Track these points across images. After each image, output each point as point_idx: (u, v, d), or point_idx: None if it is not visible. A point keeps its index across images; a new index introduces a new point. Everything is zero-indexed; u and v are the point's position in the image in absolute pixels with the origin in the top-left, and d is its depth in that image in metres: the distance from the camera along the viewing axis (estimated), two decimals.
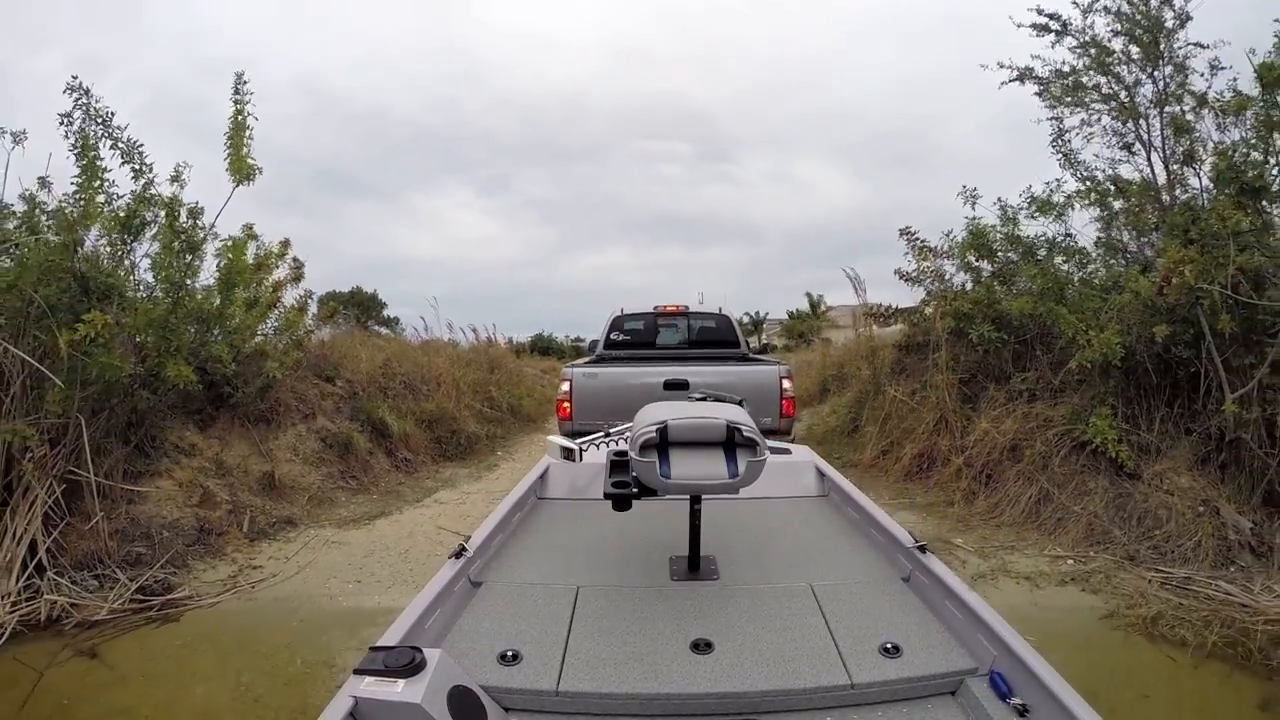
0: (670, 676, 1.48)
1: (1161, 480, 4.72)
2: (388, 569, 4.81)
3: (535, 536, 2.25)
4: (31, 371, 4.59)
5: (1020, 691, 1.37)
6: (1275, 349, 4.25)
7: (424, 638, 1.55)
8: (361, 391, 7.93)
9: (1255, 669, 3.21)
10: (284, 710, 3.16)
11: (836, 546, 2.15)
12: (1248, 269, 4.31)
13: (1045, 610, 3.96)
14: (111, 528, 4.75)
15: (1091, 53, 6.14)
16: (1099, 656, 3.49)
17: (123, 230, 4.97)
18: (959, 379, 6.70)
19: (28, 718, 3.15)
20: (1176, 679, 3.23)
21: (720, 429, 1.68)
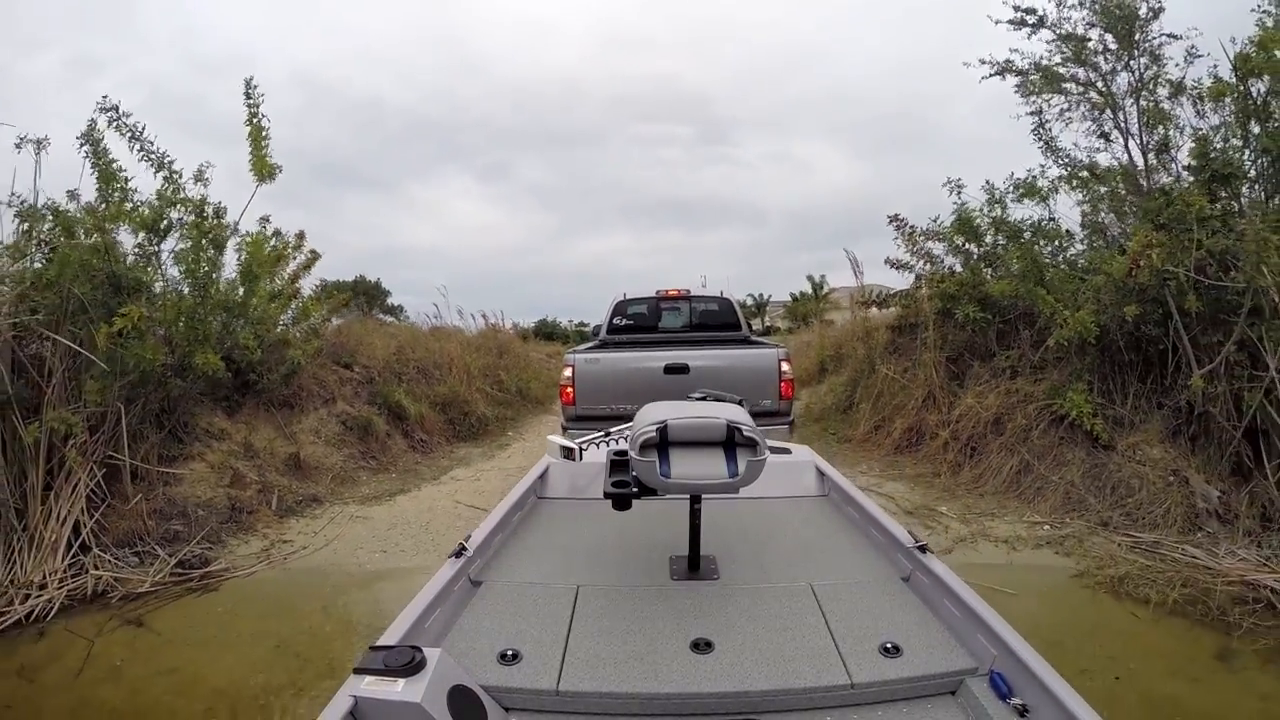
0: (670, 676, 1.46)
1: (1134, 451, 4.87)
2: (411, 540, 5.02)
3: (535, 536, 2.20)
4: (69, 364, 4.77)
5: (1020, 691, 1.35)
6: (1239, 327, 4.39)
7: (424, 637, 1.52)
8: (378, 376, 8.10)
9: (1214, 625, 3.38)
10: (322, 664, 3.37)
11: (836, 546, 2.11)
12: (1214, 252, 4.44)
13: (1020, 570, 4.15)
14: (149, 508, 4.94)
15: (1069, 45, 6.21)
16: (1068, 612, 3.68)
17: (149, 230, 5.13)
18: (946, 357, 6.86)
19: (85, 680, 3.33)
20: (1138, 633, 3.40)
21: (720, 429, 1.66)
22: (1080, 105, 6.25)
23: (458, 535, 4.91)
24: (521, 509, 2.37)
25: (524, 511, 2.37)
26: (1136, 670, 3.06)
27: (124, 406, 4.86)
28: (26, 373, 4.67)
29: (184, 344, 5.21)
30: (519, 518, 2.32)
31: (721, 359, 5.60)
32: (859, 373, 8.67)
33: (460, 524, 5.30)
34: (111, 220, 4.92)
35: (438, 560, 4.48)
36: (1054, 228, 6.35)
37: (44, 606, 3.97)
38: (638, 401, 5.32)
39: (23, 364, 4.67)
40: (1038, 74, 6.31)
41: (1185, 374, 4.73)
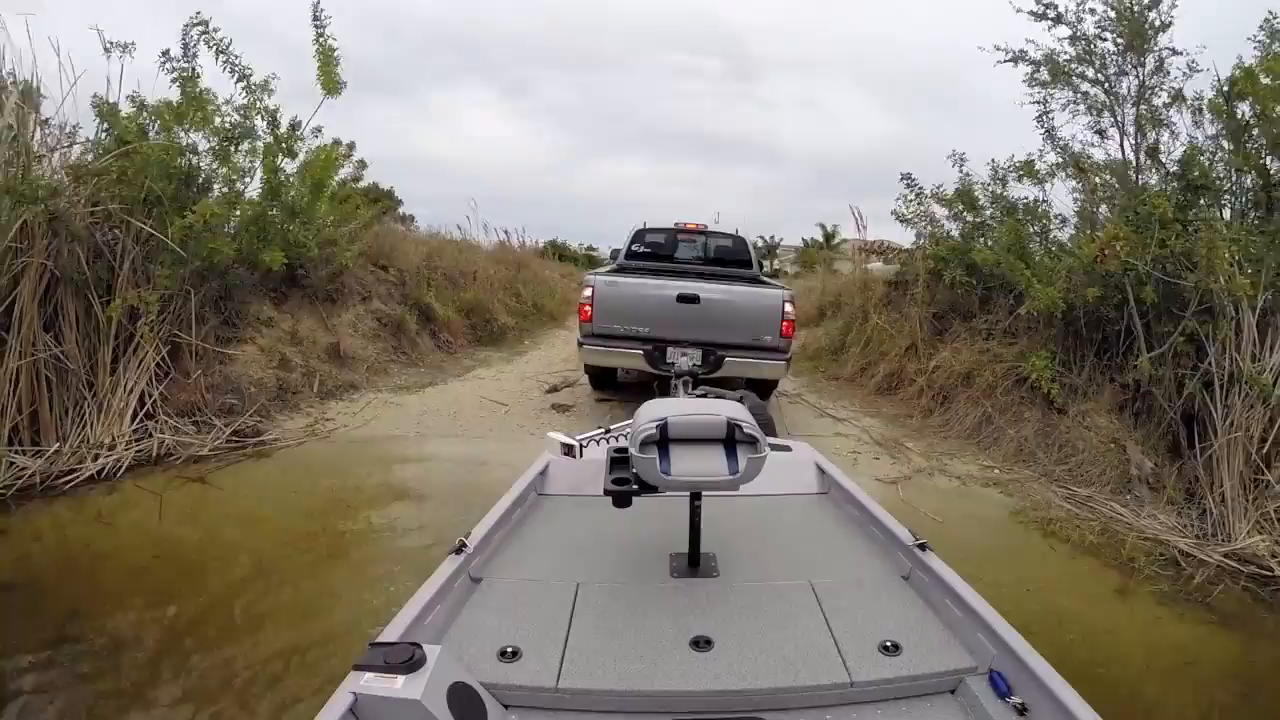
0: (670, 673, 1.42)
1: (1084, 417, 5.19)
2: (440, 424, 5.44)
3: (535, 532, 2.13)
4: (141, 250, 5.02)
5: (1020, 690, 1.32)
6: (1186, 321, 4.65)
7: (424, 634, 1.47)
8: (409, 280, 8.35)
9: (1120, 568, 3.76)
10: (371, 512, 3.83)
11: (836, 544, 2.04)
12: (1175, 252, 4.65)
13: (966, 500, 4.56)
14: (207, 383, 5.27)
15: (1081, 44, 6.20)
16: (998, 539, 4.08)
17: (226, 137, 5.32)
18: (933, 314, 7.10)
19: (165, 523, 3.73)
20: (1053, 563, 3.81)
21: (720, 425, 1.62)
22: (1082, 102, 6.27)
23: (481, 423, 5.38)
24: (522, 505, 2.26)
25: (524, 508, 2.27)
26: (1044, 589, 3.47)
27: (199, 292, 5.14)
28: (102, 256, 4.92)
29: (252, 240, 5.44)
30: (519, 514, 2.22)
31: (731, 294, 5.71)
32: (853, 319, 8.87)
33: (483, 415, 5.71)
34: (196, 125, 5.08)
35: (465, 441, 4.91)
36: (1045, 210, 6.50)
37: (113, 465, 4.33)
38: (649, 325, 5.60)
39: (99, 248, 4.92)
40: (1047, 67, 6.29)
41: (1136, 356, 5.00)
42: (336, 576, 3.26)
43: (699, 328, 5.46)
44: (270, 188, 5.62)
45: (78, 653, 2.58)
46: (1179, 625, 3.25)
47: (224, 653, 2.62)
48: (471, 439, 5.18)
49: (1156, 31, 6.04)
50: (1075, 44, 6.37)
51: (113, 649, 2.62)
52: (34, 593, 3.02)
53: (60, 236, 4.65)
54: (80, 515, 3.78)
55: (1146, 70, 6.13)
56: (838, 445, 5.43)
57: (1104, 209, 6.35)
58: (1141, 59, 6.14)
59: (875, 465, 5.06)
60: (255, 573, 3.24)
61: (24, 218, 4.48)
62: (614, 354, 5.71)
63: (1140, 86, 6.14)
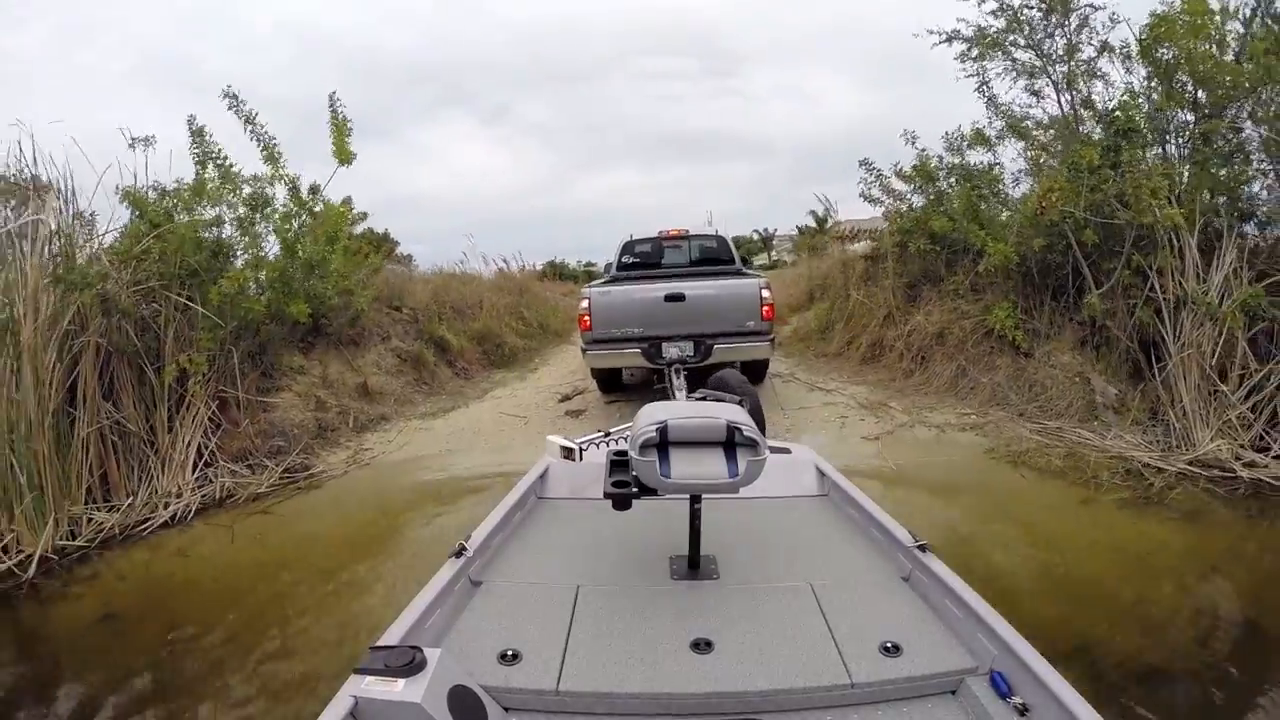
0: (670, 676, 1.39)
1: (1049, 357, 5.48)
2: (467, 441, 5.78)
3: (535, 536, 2.10)
4: (184, 317, 5.40)
5: (1020, 691, 1.30)
6: (1126, 256, 4.92)
7: (424, 637, 1.46)
8: (421, 316, 8.69)
9: (1085, 484, 4.05)
10: (417, 517, 4.19)
11: (836, 546, 2.01)
12: (1111, 194, 4.92)
13: (945, 445, 4.86)
14: (255, 430, 5.61)
15: (1008, 14, 6.50)
16: (971, 474, 4.36)
17: (252, 206, 5.74)
18: (905, 283, 7.39)
19: (235, 547, 4.09)
20: (1022, 488, 4.11)
21: (720, 428, 1.60)
22: (1015, 70, 6.57)
23: (503, 436, 5.71)
24: (522, 509, 2.24)
25: (524, 511, 2.24)
26: (1012, 504, 3.79)
27: (239, 349, 5.53)
28: (148, 328, 5.29)
29: (278, 297, 5.84)
30: (519, 517, 2.20)
31: (713, 288, 5.99)
32: (837, 299, 9.18)
33: (504, 429, 6.04)
34: (214, 200, 5.50)
35: (491, 453, 5.24)
36: (998, 173, 6.79)
37: (182, 511, 4.64)
38: (643, 325, 5.93)
39: (145, 321, 5.30)
40: (982, 41, 6.58)
41: (1088, 294, 5.28)
42: (389, 567, 3.63)
43: (687, 322, 5.78)
44: (288, 246, 6.00)
45: (180, 655, 2.93)
46: (1138, 525, 3.53)
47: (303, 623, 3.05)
48: (496, 450, 5.51)
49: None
50: (1002, 15, 6.68)
51: (208, 649, 2.97)
52: (132, 618, 3.37)
53: (111, 315, 5.02)
54: (159, 554, 4.13)
55: (1072, 28, 6.43)
56: (826, 414, 5.74)
57: (1053, 162, 6.63)
58: (1066, 19, 6.44)
59: (860, 426, 5.35)
60: (321, 575, 3.59)
61: (77, 303, 4.86)
62: (615, 355, 6.04)
63: (1068, 45, 6.44)
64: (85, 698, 2.68)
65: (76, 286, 4.82)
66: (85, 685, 2.77)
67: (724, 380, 3.65)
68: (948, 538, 3.31)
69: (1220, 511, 3.68)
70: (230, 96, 5.86)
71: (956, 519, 3.64)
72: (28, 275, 4.84)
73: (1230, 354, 4.72)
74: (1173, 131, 5.74)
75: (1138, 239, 4.99)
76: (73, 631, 3.30)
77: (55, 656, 3.10)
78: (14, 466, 4.32)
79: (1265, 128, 5.32)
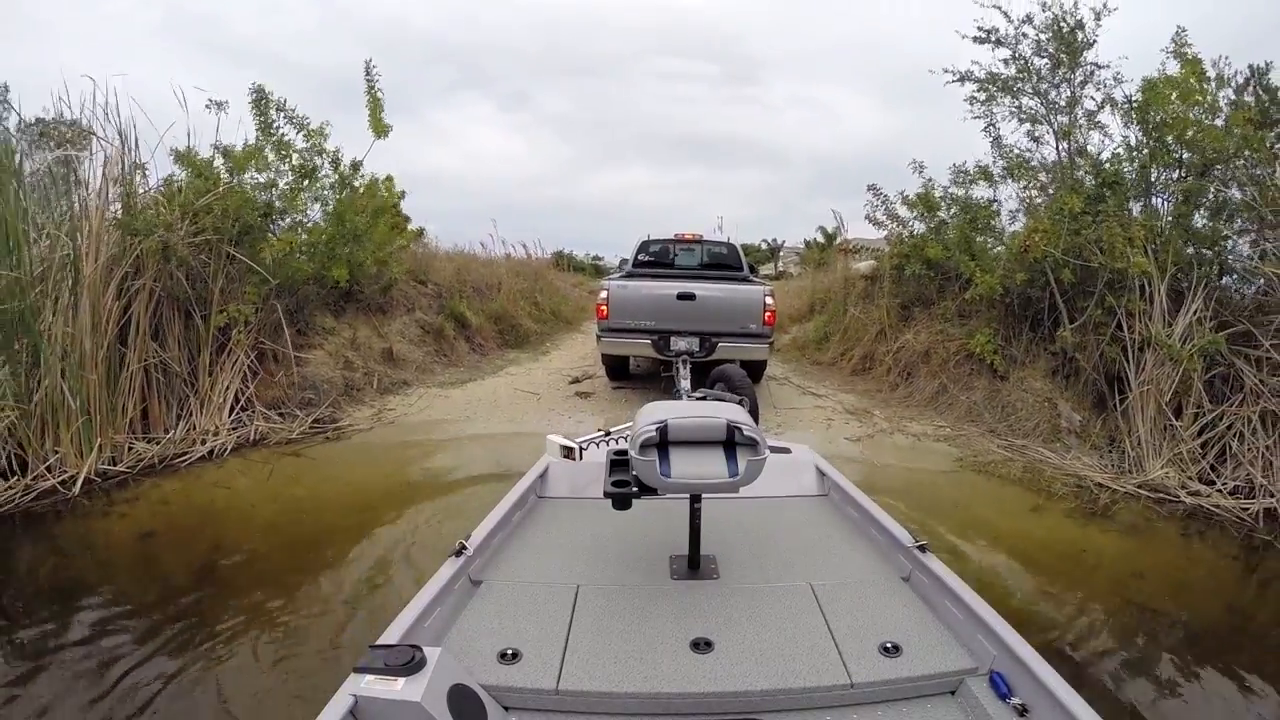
0: (670, 675, 1.38)
1: (1022, 382, 5.81)
2: (484, 410, 6.10)
3: (535, 535, 2.07)
4: (237, 269, 5.70)
5: (1020, 691, 1.29)
6: (1098, 296, 5.27)
7: (424, 636, 1.44)
8: (445, 293, 9.01)
9: (1039, 493, 4.38)
10: (435, 472, 4.50)
11: (836, 546, 1.98)
12: (1091, 239, 5.26)
13: (919, 452, 5.19)
14: (288, 381, 5.93)
15: (1018, 63, 6.81)
16: (940, 477, 4.69)
17: (301, 174, 6.02)
18: (899, 303, 7.72)
19: (276, 483, 4.40)
20: (983, 490, 4.45)
21: (720, 428, 1.58)
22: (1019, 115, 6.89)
23: (517, 409, 6.03)
24: (522, 508, 2.21)
25: (524, 511, 2.22)
26: (971, 507, 4.11)
27: (282, 305, 5.83)
28: (197, 278, 5.59)
29: (322, 260, 6.15)
30: (519, 517, 2.17)
31: (721, 291, 6.32)
32: (835, 312, 9.50)
33: (518, 402, 6.35)
34: (262, 168, 5.84)
35: (507, 422, 5.56)
36: (995, 209, 7.10)
37: (219, 448, 4.96)
38: (655, 319, 6.29)
39: (195, 271, 5.60)
40: (993, 84, 6.88)
41: (1063, 328, 5.61)
42: (419, 503, 3.97)
43: (696, 320, 6.11)
44: (337, 215, 6.31)
45: (227, 570, 3.23)
46: (1080, 530, 3.87)
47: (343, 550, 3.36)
48: (512, 419, 5.85)
49: (1083, 48, 6.67)
50: (1014, 63, 7.00)
51: (254, 564, 3.29)
52: (175, 537, 3.65)
53: (169, 262, 5.32)
54: (199, 483, 4.43)
55: (1076, 82, 6.76)
56: (815, 415, 6.07)
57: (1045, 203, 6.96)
58: (1072, 73, 6.76)
59: (845, 429, 5.68)
60: (359, 507, 3.94)
61: (139, 248, 5.14)
62: (627, 344, 6.38)
63: (1071, 97, 6.77)
64: (121, 600, 2.89)
65: (141, 233, 5.12)
66: (122, 589, 3.00)
67: (725, 373, 3.97)
68: (914, 511, 3.73)
69: (1157, 527, 4.00)
70: (255, 91, 6.12)
71: (918, 503, 4.02)
72: (91, 215, 5.15)
73: (1187, 393, 5.03)
74: (1160, 186, 6.07)
75: (1111, 282, 5.32)
76: (115, 544, 3.57)
77: (98, 564, 3.35)
78: (65, 393, 4.61)
79: (1240, 190, 5.65)
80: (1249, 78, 6.58)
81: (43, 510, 3.91)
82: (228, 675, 2.35)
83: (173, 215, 5.38)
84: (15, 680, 2.30)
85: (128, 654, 2.45)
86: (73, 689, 2.25)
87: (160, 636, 2.57)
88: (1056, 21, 6.76)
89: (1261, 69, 6.65)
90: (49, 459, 4.45)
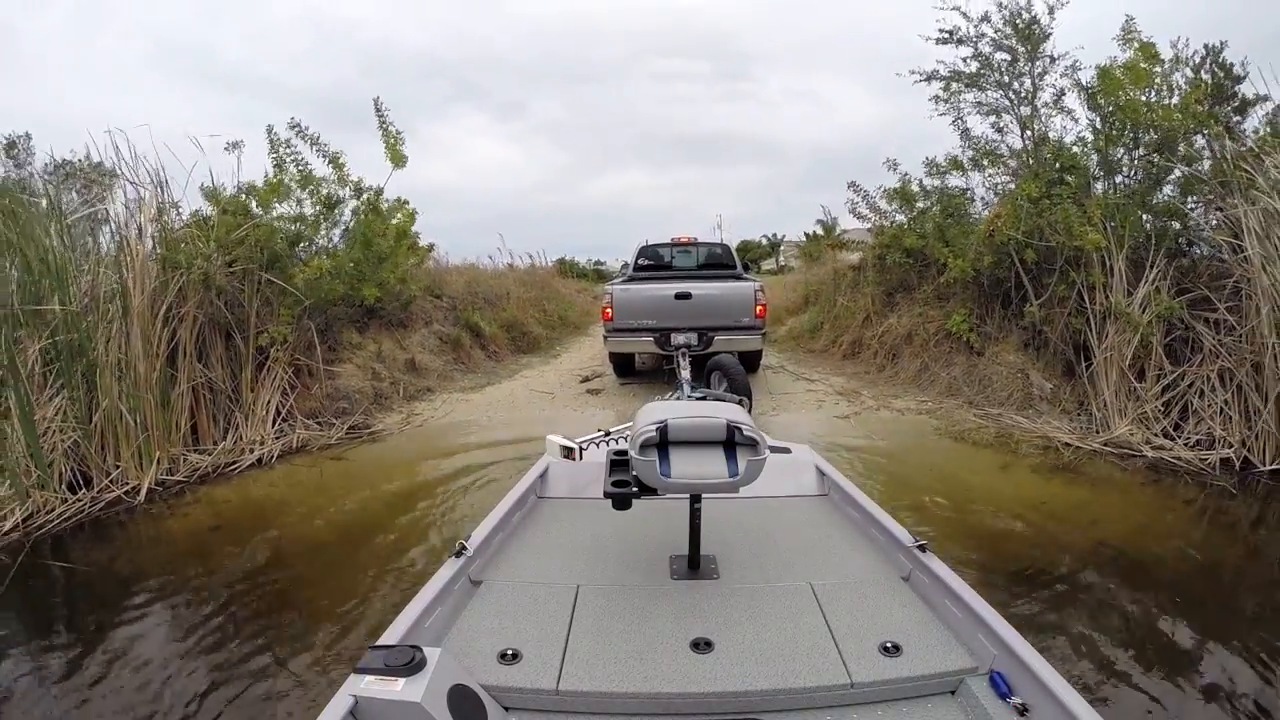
0: (670, 675, 1.36)
1: (997, 356, 6.14)
2: (503, 411, 6.48)
3: (535, 536, 2.04)
4: (273, 292, 6.10)
5: (1020, 691, 1.27)
6: (1059, 273, 5.60)
7: (424, 637, 1.42)
8: (459, 305, 9.40)
9: (1009, 454, 4.73)
10: (461, 465, 4.83)
11: (836, 546, 1.95)
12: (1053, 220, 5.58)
13: (902, 423, 5.55)
14: (322, 393, 6.32)
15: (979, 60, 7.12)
16: (923, 441, 5.06)
17: (325, 205, 6.45)
18: (884, 290, 8.06)
19: (330, 481, 4.78)
20: (957, 453, 4.81)
21: (720, 428, 1.56)
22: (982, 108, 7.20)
23: (533, 408, 6.41)
24: (522, 508, 2.18)
25: (524, 511, 2.19)
26: (945, 466, 4.47)
27: (313, 324, 6.23)
28: (238, 303, 5.98)
29: (351, 281, 6.56)
30: (519, 517, 2.14)
31: (715, 289, 6.71)
32: (826, 303, 9.87)
33: (534, 402, 6.73)
34: (282, 197, 6.29)
35: (524, 418, 5.92)
36: (969, 196, 7.42)
37: (266, 455, 5.32)
38: (656, 318, 6.69)
39: (233, 298, 5.99)
40: (958, 81, 7.19)
41: (1030, 304, 5.95)
42: (448, 488, 4.38)
43: (693, 316, 6.48)
44: (365, 240, 6.72)
45: (292, 550, 3.62)
46: (1044, 484, 4.21)
47: (393, 522, 3.79)
48: (530, 417, 6.24)
49: (1040, 40, 6.97)
50: (975, 60, 7.32)
51: (314, 548, 3.65)
52: (241, 528, 3.99)
53: (210, 290, 5.71)
54: (254, 485, 4.80)
55: (1036, 73, 7.06)
56: (807, 398, 6.43)
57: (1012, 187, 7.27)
58: (1031, 64, 7.07)
59: (835, 409, 6.04)
60: (402, 495, 4.33)
61: (180, 280, 5.54)
62: (631, 342, 6.78)
63: (1034, 87, 7.07)
64: (209, 577, 3.28)
65: (182, 266, 5.52)
66: (206, 570, 3.39)
67: (720, 362, 4.32)
68: (892, 475, 4.12)
69: (1116, 478, 4.33)
70: (295, 126, 6.59)
71: (897, 468, 4.40)
72: (134, 252, 5.54)
73: (1148, 356, 5.34)
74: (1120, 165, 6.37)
75: (1074, 258, 5.63)
76: (189, 537, 3.94)
77: (178, 553, 3.71)
78: (124, 412, 5.00)
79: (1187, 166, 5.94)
80: (1205, 56, 6.90)
81: (112, 517, 4.28)
82: (298, 627, 2.75)
83: (210, 248, 5.78)
84: (140, 636, 2.70)
85: (218, 614, 2.86)
86: (187, 639, 2.66)
87: (240, 603, 2.97)
88: (1013, 18, 7.08)
89: (1216, 48, 6.99)
90: (111, 472, 4.83)
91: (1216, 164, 5.81)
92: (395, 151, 6.96)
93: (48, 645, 2.67)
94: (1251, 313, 4.89)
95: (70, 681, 2.42)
